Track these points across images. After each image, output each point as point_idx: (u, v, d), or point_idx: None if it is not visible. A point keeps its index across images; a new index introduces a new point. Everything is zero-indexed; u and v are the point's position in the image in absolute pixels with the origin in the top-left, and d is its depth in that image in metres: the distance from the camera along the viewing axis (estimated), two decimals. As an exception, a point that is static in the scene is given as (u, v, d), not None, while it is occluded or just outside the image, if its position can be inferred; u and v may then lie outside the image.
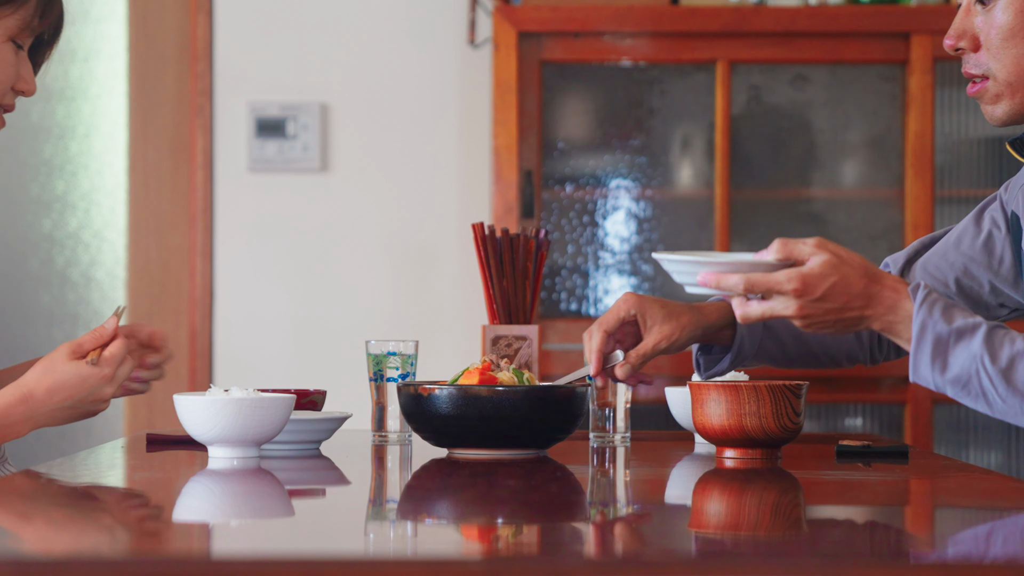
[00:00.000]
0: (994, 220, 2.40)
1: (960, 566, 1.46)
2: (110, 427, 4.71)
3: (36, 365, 2.21)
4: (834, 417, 4.15)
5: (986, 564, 1.47)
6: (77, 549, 1.55)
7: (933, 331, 2.05)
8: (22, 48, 2.33)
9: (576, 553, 1.54)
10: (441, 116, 4.33)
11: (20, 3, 2.30)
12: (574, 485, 2.11)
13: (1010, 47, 2.22)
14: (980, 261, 2.40)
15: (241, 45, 4.34)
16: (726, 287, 2.08)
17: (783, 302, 2.07)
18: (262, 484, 2.08)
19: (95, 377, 2.20)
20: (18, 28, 2.31)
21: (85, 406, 2.23)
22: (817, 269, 2.06)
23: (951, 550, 1.57)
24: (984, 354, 2.04)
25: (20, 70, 2.33)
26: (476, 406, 2.23)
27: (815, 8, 4.09)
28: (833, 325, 2.10)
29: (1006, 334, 2.06)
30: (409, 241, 4.34)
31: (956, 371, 2.06)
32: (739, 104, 4.15)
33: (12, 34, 2.31)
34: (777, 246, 2.08)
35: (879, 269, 2.11)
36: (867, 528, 1.72)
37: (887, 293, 2.09)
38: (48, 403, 2.20)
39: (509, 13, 4.05)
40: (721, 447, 2.24)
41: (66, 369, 2.20)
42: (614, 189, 4.17)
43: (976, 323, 2.06)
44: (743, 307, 2.10)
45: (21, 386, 2.20)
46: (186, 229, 4.34)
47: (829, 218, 4.16)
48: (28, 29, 2.32)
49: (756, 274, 2.07)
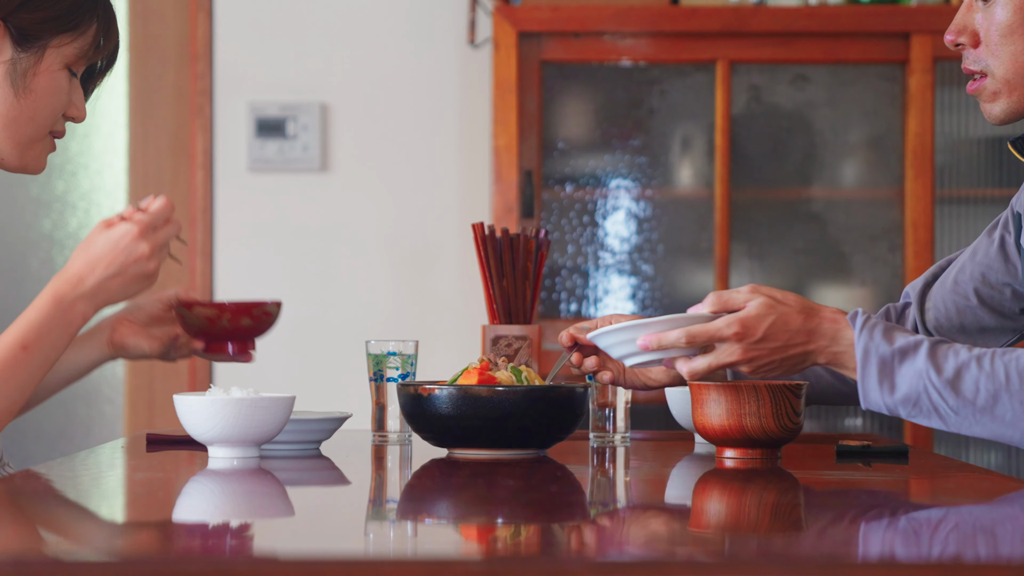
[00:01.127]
0: (1006, 226, 2.41)
1: (960, 566, 1.46)
2: (110, 427, 4.71)
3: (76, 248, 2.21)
4: (834, 417, 4.15)
5: (986, 564, 1.48)
6: (77, 549, 1.55)
7: (876, 353, 2.07)
8: (76, 75, 2.34)
9: (576, 553, 1.54)
10: (441, 116, 4.33)
11: (80, 32, 2.31)
12: (574, 485, 2.11)
13: (1008, 44, 2.23)
14: (997, 267, 2.41)
15: (241, 45, 4.34)
16: (668, 343, 2.11)
17: (727, 348, 2.11)
18: (262, 484, 2.08)
19: (127, 236, 2.18)
20: (75, 56, 2.31)
21: (131, 270, 2.19)
22: (754, 311, 2.10)
23: (950, 550, 1.57)
24: (929, 368, 2.05)
25: (72, 97, 2.34)
26: (476, 406, 2.23)
27: (815, 8, 4.09)
28: (780, 365, 2.13)
29: (949, 347, 2.07)
30: (409, 241, 4.34)
31: (905, 390, 2.07)
32: (739, 104, 4.15)
33: (69, 62, 2.31)
34: (711, 299, 2.13)
35: (815, 304, 2.15)
36: (867, 528, 1.72)
37: (826, 325, 2.12)
38: (91, 276, 2.17)
39: (509, 13, 4.05)
40: (721, 447, 2.24)
41: (98, 238, 2.18)
42: (614, 189, 4.17)
43: (918, 340, 2.08)
44: (688, 364, 2.14)
45: (64, 271, 2.19)
46: (186, 229, 4.34)
47: (829, 218, 4.16)
48: (84, 58, 2.33)
49: (696, 326, 2.11)
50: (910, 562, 1.49)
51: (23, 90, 2.28)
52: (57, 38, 2.29)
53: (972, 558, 1.51)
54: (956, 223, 4.13)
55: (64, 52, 2.30)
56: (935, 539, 1.66)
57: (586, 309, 4.16)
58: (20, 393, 2.18)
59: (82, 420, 4.74)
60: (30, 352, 2.17)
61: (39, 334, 2.17)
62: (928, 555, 1.54)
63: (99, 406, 4.74)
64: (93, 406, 4.75)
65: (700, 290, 4.14)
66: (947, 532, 1.71)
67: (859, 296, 4.11)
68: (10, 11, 2.26)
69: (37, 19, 2.27)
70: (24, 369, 2.17)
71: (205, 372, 4.30)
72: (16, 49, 2.27)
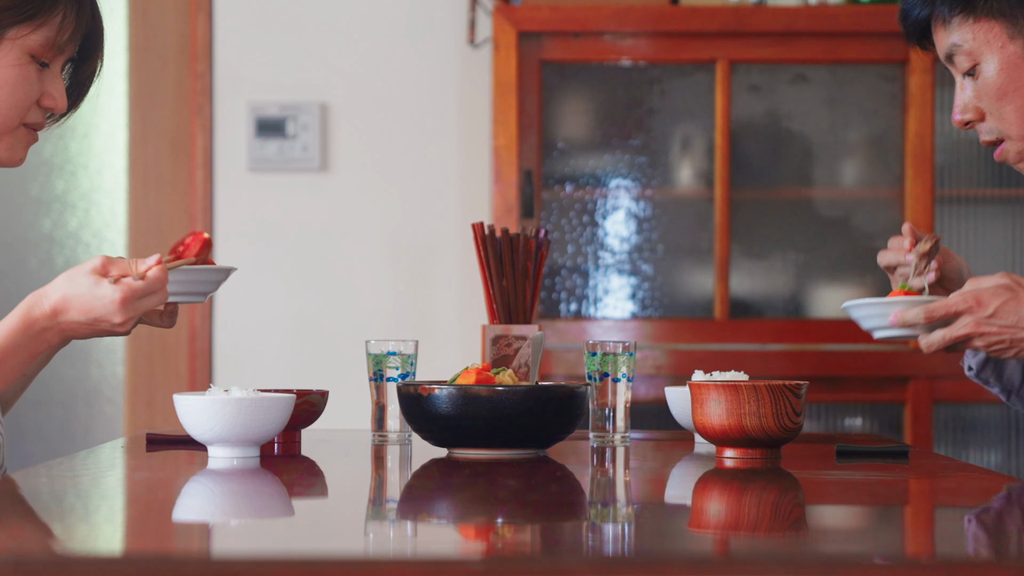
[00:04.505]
0: None
1: (960, 566, 1.46)
2: (110, 427, 4.71)
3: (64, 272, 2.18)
4: (834, 417, 4.15)
5: (986, 564, 1.47)
6: (77, 549, 1.55)
7: None
8: (48, 65, 2.31)
9: (576, 553, 1.54)
10: (441, 116, 4.33)
11: (41, 21, 2.26)
12: (574, 485, 2.11)
13: (1008, 104, 2.30)
14: None
15: (241, 45, 4.34)
16: (910, 321, 2.19)
17: (960, 322, 2.17)
18: (262, 484, 2.08)
19: (108, 300, 2.15)
20: (41, 46, 2.26)
21: (101, 326, 2.17)
22: (990, 288, 2.16)
23: (951, 550, 1.57)
24: None
25: (47, 87, 2.29)
26: (476, 406, 2.23)
27: (815, 8, 4.09)
28: (1012, 345, 2.17)
29: None
30: (409, 241, 4.34)
31: None
32: (739, 104, 4.15)
33: (34, 52, 2.26)
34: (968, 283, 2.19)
35: None
36: (867, 528, 1.72)
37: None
38: (64, 315, 2.15)
39: (509, 13, 4.05)
40: (721, 447, 2.24)
41: (83, 282, 2.15)
42: (614, 189, 4.17)
43: None
44: (926, 338, 2.20)
45: (44, 295, 2.16)
46: (186, 229, 4.34)
47: (829, 218, 4.16)
48: (53, 47, 2.27)
49: (934, 303, 2.19)
50: (910, 562, 1.49)
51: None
52: (13, 29, 2.24)
53: (972, 558, 1.51)
54: (956, 223, 4.13)
55: (25, 43, 2.25)
56: (935, 539, 1.66)
57: (586, 309, 4.16)
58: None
59: (82, 420, 4.74)
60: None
61: (4, 353, 2.16)
62: (928, 555, 1.54)
63: (99, 406, 4.74)
64: (93, 406, 4.75)
65: (700, 290, 4.14)
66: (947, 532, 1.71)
67: (859, 296, 4.11)
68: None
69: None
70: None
71: (205, 372, 4.30)
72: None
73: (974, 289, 2.17)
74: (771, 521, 1.78)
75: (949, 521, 1.83)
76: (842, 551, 1.55)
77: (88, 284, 2.15)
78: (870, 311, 2.24)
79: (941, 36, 2.36)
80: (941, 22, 2.35)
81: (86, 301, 2.15)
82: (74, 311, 2.15)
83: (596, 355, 2.49)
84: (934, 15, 2.35)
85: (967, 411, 4.11)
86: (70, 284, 2.16)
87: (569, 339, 4.06)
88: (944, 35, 2.35)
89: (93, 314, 2.15)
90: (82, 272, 2.16)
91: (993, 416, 4.15)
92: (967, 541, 1.62)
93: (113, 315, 2.15)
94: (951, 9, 2.33)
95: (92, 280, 2.15)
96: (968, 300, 2.16)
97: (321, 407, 2.49)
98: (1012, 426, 4.14)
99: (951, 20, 2.33)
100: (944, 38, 2.35)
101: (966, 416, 4.12)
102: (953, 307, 2.18)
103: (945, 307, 2.18)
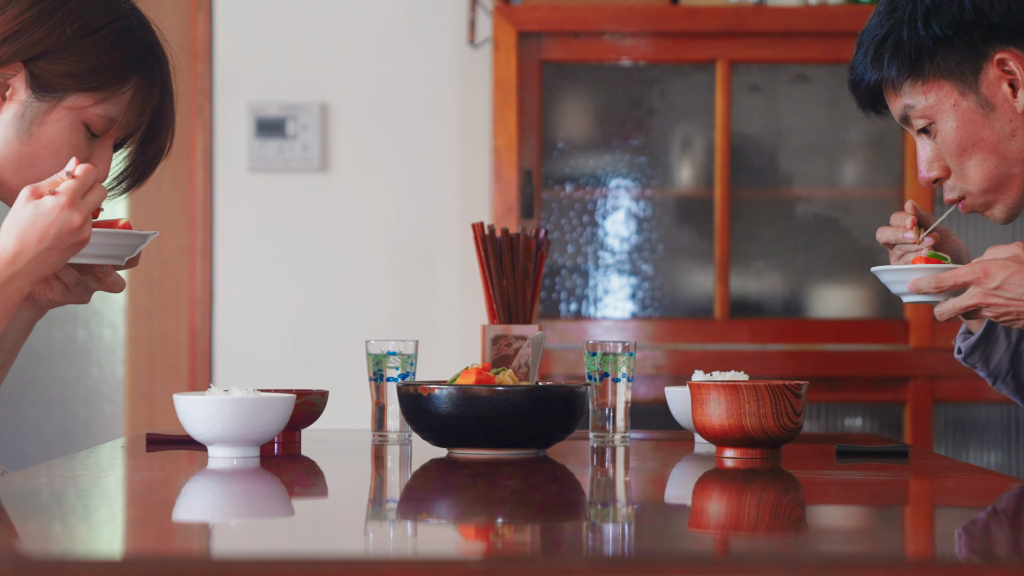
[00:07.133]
0: None
1: (960, 566, 1.46)
2: (110, 427, 4.71)
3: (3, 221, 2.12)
4: (834, 417, 4.15)
5: (986, 564, 1.47)
6: (77, 549, 1.55)
7: None
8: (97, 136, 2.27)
9: (576, 553, 1.54)
10: (441, 116, 4.34)
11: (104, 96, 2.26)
12: (574, 485, 2.11)
13: (968, 159, 2.33)
14: None
15: (241, 45, 4.34)
16: (923, 288, 2.25)
17: (968, 292, 2.21)
18: (262, 484, 2.08)
19: (57, 208, 2.10)
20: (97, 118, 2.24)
21: (66, 241, 2.11)
22: (1000, 260, 2.20)
23: (951, 550, 1.57)
24: None
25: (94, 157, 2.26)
26: (476, 406, 2.23)
27: (815, 8, 4.09)
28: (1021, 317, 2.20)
29: None
30: (409, 241, 4.34)
31: None
32: (739, 104, 4.15)
33: (88, 121, 2.25)
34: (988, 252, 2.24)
35: None
36: (867, 528, 1.72)
37: None
38: (25, 253, 2.10)
39: (509, 13, 4.05)
40: (721, 447, 2.24)
41: (25, 211, 2.10)
42: (614, 189, 4.17)
43: None
44: (940, 306, 2.26)
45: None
46: (186, 229, 4.34)
47: (829, 218, 4.16)
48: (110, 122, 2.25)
49: (943, 272, 2.24)
50: (911, 562, 1.49)
51: (26, 135, 2.24)
52: (74, 95, 2.23)
53: (972, 558, 1.51)
54: (955, 223, 4.13)
55: (84, 113, 2.24)
56: (935, 539, 1.66)
57: (586, 309, 4.16)
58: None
59: (82, 420, 4.74)
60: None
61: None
62: (929, 555, 1.54)
63: (99, 406, 4.74)
64: (93, 406, 4.75)
65: (700, 290, 4.14)
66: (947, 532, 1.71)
67: (859, 296, 4.10)
68: (32, 57, 2.24)
69: (57, 72, 2.23)
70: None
71: (205, 372, 4.30)
72: (31, 95, 2.24)
73: (985, 260, 2.21)
74: (771, 521, 1.78)
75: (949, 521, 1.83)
76: (842, 551, 1.55)
77: (30, 210, 2.11)
78: (893, 276, 2.31)
79: (893, 100, 2.38)
80: (891, 87, 2.36)
81: (39, 225, 2.10)
82: (32, 242, 2.10)
83: (596, 355, 2.49)
84: (883, 80, 2.37)
85: (967, 411, 4.11)
86: (15, 223, 2.11)
87: (569, 339, 4.06)
88: (896, 99, 2.37)
89: (50, 232, 2.10)
90: (19, 207, 2.11)
91: (993, 416, 4.15)
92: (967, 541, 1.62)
93: (67, 220, 2.10)
94: (899, 73, 2.34)
95: (32, 205, 2.11)
96: (976, 271, 2.20)
97: (321, 407, 2.49)
98: (1012, 426, 4.14)
99: (901, 85, 2.34)
100: (897, 102, 2.37)
101: (966, 416, 4.12)
102: (962, 277, 2.22)
103: (954, 277, 2.23)
